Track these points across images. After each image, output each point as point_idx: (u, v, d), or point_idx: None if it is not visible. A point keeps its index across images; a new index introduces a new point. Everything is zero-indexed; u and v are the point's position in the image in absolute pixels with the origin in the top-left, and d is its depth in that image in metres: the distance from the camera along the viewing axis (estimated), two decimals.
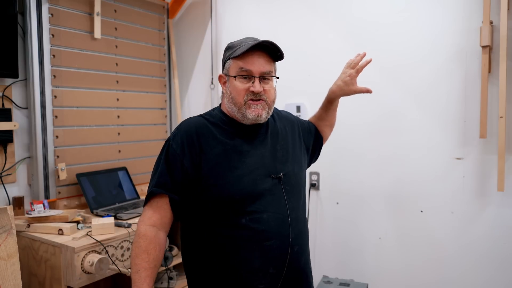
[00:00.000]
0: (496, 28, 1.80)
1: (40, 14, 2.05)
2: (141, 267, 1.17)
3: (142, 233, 1.20)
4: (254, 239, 1.21)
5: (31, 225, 1.83)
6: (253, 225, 1.20)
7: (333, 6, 2.24)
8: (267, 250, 1.21)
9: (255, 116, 1.25)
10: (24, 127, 2.08)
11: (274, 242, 1.22)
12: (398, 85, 2.08)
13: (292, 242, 1.25)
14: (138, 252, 1.19)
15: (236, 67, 1.26)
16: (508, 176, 1.82)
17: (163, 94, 2.77)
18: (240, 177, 1.22)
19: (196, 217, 1.26)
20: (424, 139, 2.04)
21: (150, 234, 1.20)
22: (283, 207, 1.26)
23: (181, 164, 1.22)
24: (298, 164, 1.39)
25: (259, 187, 1.23)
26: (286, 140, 1.39)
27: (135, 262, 1.18)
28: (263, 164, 1.26)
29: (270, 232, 1.22)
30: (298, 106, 2.35)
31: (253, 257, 1.21)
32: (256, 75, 1.25)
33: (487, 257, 1.91)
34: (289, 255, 1.24)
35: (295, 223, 1.27)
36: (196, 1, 2.76)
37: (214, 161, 1.22)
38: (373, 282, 2.16)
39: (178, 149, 1.23)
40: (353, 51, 2.20)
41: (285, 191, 1.28)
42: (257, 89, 1.24)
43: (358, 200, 2.22)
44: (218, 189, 1.21)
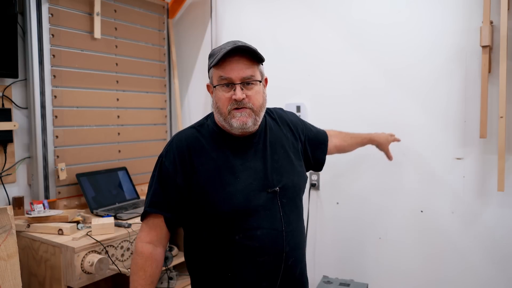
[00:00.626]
0: (496, 28, 1.80)
1: (40, 14, 2.05)
2: (138, 284, 1.20)
3: (139, 251, 1.22)
4: (248, 255, 1.20)
5: (31, 225, 1.83)
6: (247, 242, 1.19)
7: (333, 6, 2.24)
8: (260, 265, 1.21)
9: (240, 125, 1.19)
10: (24, 127, 2.08)
11: (267, 257, 1.21)
12: (398, 85, 2.08)
13: (287, 255, 1.23)
14: (135, 269, 1.21)
15: (217, 76, 1.22)
16: (508, 176, 1.82)
17: (163, 94, 2.77)
18: (233, 194, 1.19)
19: (193, 230, 1.28)
20: (424, 139, 2.04)
21: (147, 252, 1.22)
22: (278, 222, 1.22)
23: (174, 182, 1.21)
24: (297, 174, 1.34)
25: (252, 203, 1.20)
26: (287, 148, 1.34)
27: (133, 278, 1.21)
28: (257, 178, 1.22)
29: (264, 248, 1.20)
30: (298, 106, 2.35)
31: (246, 272, 1.21)
32: (237, 82, 1.18)
33: (487, 257, 1.91)
34: (283, 268, 1.23)
35: (290, 237, 1.24)
36: (196, 1, 2.76)
37: (205, 179, 1.20)
38: (373, 282, 2.16)
39: (171, 167, 1.22)
40: (353, 51, 2.21)
41: (281, 204, 1.24)
42: (238, 97, 1.17)
43: (358, 200, 2.22)
44: (210, 207, 1.20)
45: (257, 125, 1.24)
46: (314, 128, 1.55)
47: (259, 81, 1.23)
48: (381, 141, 1.85)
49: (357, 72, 2.19)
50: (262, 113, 1.25)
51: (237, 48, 1.17)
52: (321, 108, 2.31)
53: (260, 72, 1.25)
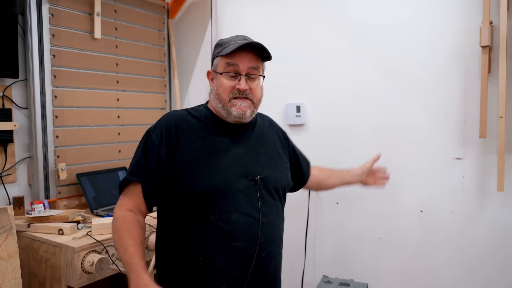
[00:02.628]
0: (496, 28, 1.80)
1: (40, 14, 2.05)
2: (128, 245, 1.18)
3: (121, 217, 1.22)
4: (221, 238, 1.20)
5: (31, 225, 1.83)
6: (221, 224, 1.20)
7: (333, 6, 2.24)
8: (232, 251, 1.20)
9: (239, 113, 1.25)
10: (24, 127, 2.09)
11: (240, 243, 1.21)
12: (397, 85, 2.08)
13: (261, 246, 1.23)
14: (120, 234, 1.20)
15: (224, 63, 1.27)
16: (508, 176, 1.82)
17: (163, 94, 2.77)
18: (213, 174, 1.21)
19: (169, 209, 1.27)
20: (424, 139, 2.04)
21: (129, 217, 1.22)
22: (255, 210, 1.24)
23: (157, 154, 1.23)
24: (283, 173, 1.37)
25: (231, 186, 1.22)
26: (272, 147, 1.38)
27: (121, 243, 1.19)
28: (240, 164, 1.26)
29: (238, 233, 1.20)
30: (298, 106, 2.35)
31: (218, 256, 1.20)
32: (243, 73, 1.25)
33: (487, 257, 1.91)
34: (256, 259, 1.22)
35: (266, 228, 1.25)
36: (196, 1, 2.76)
37: (189, 155, 1.22)
38: (373, 282, 2.16)
39: (157, 139, 1.24)
40: (353, 51, 2.21)
41: (260, 194, 1.26)
42: (243, 87, 1.24)
43: (358, 200, 2.22)
44: (189, 183, 1.21)
45: (252, 117, 1.31)
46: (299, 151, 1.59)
47: (263, 76, 1.32)
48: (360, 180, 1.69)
49: (357, 72, 2.19)
50: (259, 106, 1.33)
51: (251, 44, 1.24)
52: (321, 108, 2.31)
53: (263, 69, 1.34)
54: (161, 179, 1.24)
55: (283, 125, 2.41)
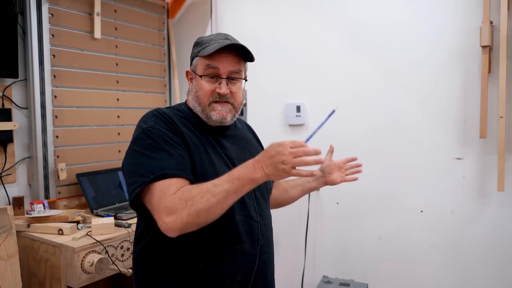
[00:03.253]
0: (496, 28, 1.80)
1: (40, 14, 2.05)
2: (212, 184, 0.98)
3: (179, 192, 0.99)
4: (224, 241, 1.13)
5: (31, 225, 1.83)
6: (224, 226, 1.11)
7: (333, 5, 2.24)
8: (236, 254, 1.14)
9: (219, 118, 1.18)
10: (24, 127, 2.08)
11: (243, 246, 1.15)
12: (397, 85, 2.08)
13: (261, 249, 1.19)
14: (197, 191, 0.98)
15: (203, 64, 1.18)
16: (508, 176, 1.82)
17: (163, 94, 2.77)
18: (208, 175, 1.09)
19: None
20: (424, 139, 2.04)
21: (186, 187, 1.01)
22: (253, 213, 1.20)
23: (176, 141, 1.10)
24: None
25: None
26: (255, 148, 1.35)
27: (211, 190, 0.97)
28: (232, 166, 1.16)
29: (241, 236, 1.15)
30: (298, 106, 2.35)
31: (221, 262, 1.13)
32: (224, 76, 1.17)
33: (487, 257, 1.91)
34: (257, 263, 1.18)
35: (264, 230, 1.22)
36: (196, 1, 2.76)
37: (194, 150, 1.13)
38: (373, 282, 2.16)
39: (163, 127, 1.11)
40: (353, 51, 2.21)
41: (255, 196, 1.22)
42: (223, 91, 1.16)
43: (358, 200, 2.22)
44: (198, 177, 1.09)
45: (234, 120, 1.24)
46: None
47: (245, 79, 1.24)
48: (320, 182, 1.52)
49: (357, 72, 2.19)
50: (240, 109, 1.25)
51: (232, 45, 1.16)
52: (321, 108, 2.31)
53: (245, 71, 1.26)
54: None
55: (283, 125, 2.42)
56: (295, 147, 0.98)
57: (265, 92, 2.49)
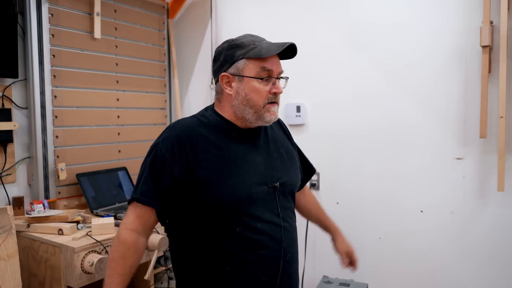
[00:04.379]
0: (496, 28, 1.80)
1: (40, 14, 2.05)
2: (115, 272, 1.16)
3: (123, 238, 1.17)
4: (248, 248, 1.18)
5: (31, 225, 1.83)
6: (247, 234, 1.17)
7: (333, 5, 2.24)
8: (260, 259, 1.19)
9: (273, 118, 1.22)
10: (24, 127, 2.08)
11: (267, 251, 1.19)
12: (398, 85, 2.08)
13: (284, 250, 1.23)
14: (115, 256, 1.17)
15: (256, 67, 1.19)
16: (508, 176, 1.82)
17: (163, 94, 2.77)
18: (235, 185, 1.16)
19: (187, 223, 1.21)
20: (424, 139, 2.04)
21: (130, 240, 1.17)
22: (276, 216, 1.22)
23: (170, 170, 1.15)
24: (295, 172, 1.35)
25: (253, 195, 1.19)
26: (285, 147, 1.35)
27: (111, 265, 1.17)
28: (258, 172, 1.21)
29: (264, 242, 1.19)
30: (298, 106, 2.35)
31: (247, 266, 1.18)
32: (275, 76, 1.21)
33: (487, 257, 1.91)
34: (282, 264, 1.22)
35: (287, 232, 1.24)
36: (196, 1, 2.76)
37: (209, 168, 1.16)
38: (373, 282, 2.16)
39: (168, 154, 1.15)
40: (353, 51, 2.21)
41: (279, 200, 1.24)
42: (281, 90, 1.22)
43: (358, 200, 2.22)
44: (212, 197, 1.15)
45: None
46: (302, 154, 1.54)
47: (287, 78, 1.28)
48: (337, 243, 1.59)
49: (357, 72, 2.19)
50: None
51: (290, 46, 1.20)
52: (321, 108, 2.31)
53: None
54: (176, 195, 1.17)
55: None
56: None
57: None
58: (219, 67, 1.25)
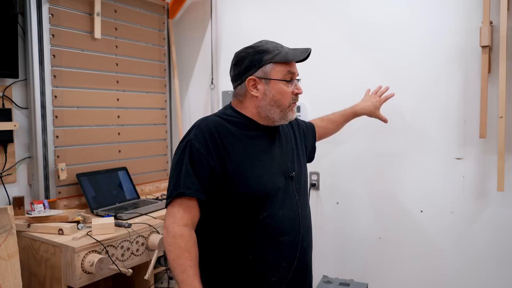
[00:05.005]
0: (496, 28, 1.80)
1: (40, 14, 2.05)
2: (187, 266, 1.17)
3: (179, 234, 1.19)
4: (270, 235, 1.27)
5: (31, 225, 1.83)
6: (270, 222, 1.27)
7: (333, 6, 2.25)
8: (280, 245, 1.28)
9: (294, 117, 1.36)
10: (24, 127, 2.09)
11: (287, 237, 1.29)
12: (398, 84, 2.08)
13: (302, 237, 1.33)
14: (179, 252, 1.18)
15: (283, 70, 1.30)
16: (508, 176, 1.82)
17: (163, 94, 2.77)
18: (261, 176, 1.27)
19: (215, 214, 1.29)
20: (424, 139, 2.04)
21: (187, 234, 1.20)
22: (295, 205, 1.33)
23: (207, 164, 1.22)
24: (304, 165, 1.47)
25: (276, 185, 1.29)
26: (294, 141, 1.46)
27: (178, 262, 1.17)
28: (277, 163, 1.33)
29: (284, 229, 1.29)
30: (298, 106, 2.35)
31: (268, 252, 1.27)
32: (295, 78, 1.35)
33: (487, 257, 1.91)
34: (299, 250, 1.32)
35: (304, 220, 1.36)
36: (196, 1, 2.76)
37: (237, 160, 1.26)
38: (373, 282, 2.16)
39: (202, 148, 1.23)
40: (353, 51, 2.21)
41: (296, 189, 1.35)
42: (302, 91, 1.34)
43: (358, 200, 2.22)
44: (242, 188, 1.25)
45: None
46: (305, 122, 1.69)
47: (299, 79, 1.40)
48: (367, 110, 1.92)
49: (357, 72, 2.19)
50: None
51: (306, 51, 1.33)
52: (321, 108, 2.30)
53: None
54: (214, 188, 1.24)
55: None
56: None
57: None
58: (243, 71, 1.32)
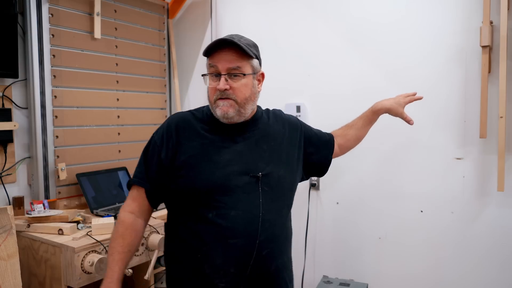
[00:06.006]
0: (496, 28, 1.80)
1: (40, 14, 2.05)
2: (115, 251, 1.23)
3: (121, 219, 1.28)
4: (219, 236, 1.20)
5: (31, 225, 1.83)
6: (219, 221, 1.19)
7: (333, 6, 2.24)
8: (230, 248, 1.19)
9: (221, 114, 1.23)
10: (24, 127, 2.08)
11: (238, 240, 1.19)
12: (398, 84, 2.08)
13: (261, 244, 1.20)
14: (115, 236, 1.26)
15: (207, 64, 1.28)
16: (508, 176, 1.82)
17: (163, 94, 2.77)
18: (212, 170, 1.22)
19: (171, 207, 1.32)
20: (424, 139, 2.04)
21: (128, 221, 1.27)
22: (255, 207, 1.22)
23: (158, 155, 1.27)
24: (288, 169, 1.34)
25: (231, 183, 1.21)
26: (278, 142, 1.34)
27: (111, 245, 1.26)
28: (241, 161, 1.24)
29: (236, 230, 1.19)
30: (298, 106, 2.35)
31: (216, 254, 1.20)
32: (223, 72, 1.22)
33: (487, 257, 1.91)
34: (255, 257, 1.20)
35: (267, 225, 1.22)
36: (196, 1, 2.76)
37: (189, 153, 1.24)
38: (373, 282, 2.16)
39: (159, 140, 1.28)
40: (353, 51, 2.21)
41: (263, 191, 1.24)
42: (221, 87, 1.21)
43: (358, 200, 2.22)
44: (188, 181, 1.23)
45: (242, 116, 1.27)
46: (316, 130, 1.58)
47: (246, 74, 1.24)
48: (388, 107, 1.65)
49: (357, 72, 2.19)
50: (248, 105, 1.26)
51: (223, 41, 1.22)
52: (321, 108, 2.31)
53: (252, 66, 1.27)
54: (162, 178, 1.26)
55: None
56: None
57: (265, 92, 2.46)
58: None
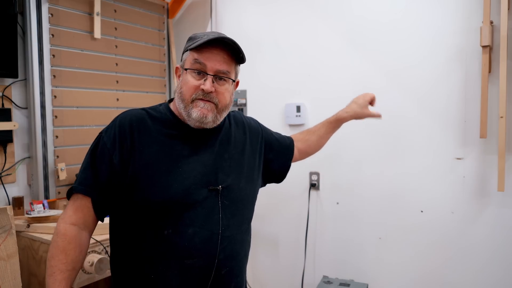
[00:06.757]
0: (496, 28, 1.80)
1: (40, 14, 2.05)
2: (57, 269, 1.05)
3: (62, 232, 1.07)
4: (174, 255, 1.08)
5: (31, 225, 1.82)
6: (176, 239, 1.08)
7: (334, 6, 2.24)
8: (187, 269, 1.09)
9: (199, 116, 1.10)
10: (24, 127, 2.08)
11: (196, 261, 1.09)
12: (398, 84, 2.08)
13: (220, 263, 1.11)
14: (55, 252, 1.06)
15: (191, 58, 1.12)
16: (508, 176, 1.82)
17: (163, 94, 2.77)
18: (170, 183, 1.09)
19: (122, 220, 1.15)
20: (424, 139, 2.04)
21: (70, 234, 1.08)
22: (214, 224, 1.11)
23: (109, 159, 1.09)
24: (248, 179, 1.23)
25: (190, 197, 1.09)
26: (239, 150, 1.24)
27: (50, 263, 1.06)
28: (201, 172, 1.12)
29: (193, 250, 1.09)
30: (298, 106, 2.35)
31: (171, 275, 1.09)
32: (210, 73, 1.11)
33: (487, 257, 1.91)
34: (213, 277, 1.11)
35: (227, 243, 1.13)
36: (196, 1, 2.76)
37: (144, 161, 1.09)
38: (373, 282, 2.16)
39: (109, 142, 1.11)
40: (353, 51, 2.21)
41: (222, 205, 1.13)
42: (207, 88, 1.09)
43: (358, 200, 2.22)
44: (143, 194, 1.08)
45: (215, 123, 1.16)
46: (276, 134, 1.46)
47: (233, 80, 1.18)
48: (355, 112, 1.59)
49: (357, 72, 2.19)
50: (225, 113, 1.18)
51: (223, 40, 1.12)
52: (321, 108, 2.31)
53: (235, 73, 1.20)
54: (113, 187, 1.10)
55: (283, 125, 2.42)
56: None
57: (265, 92, 2.49)
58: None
